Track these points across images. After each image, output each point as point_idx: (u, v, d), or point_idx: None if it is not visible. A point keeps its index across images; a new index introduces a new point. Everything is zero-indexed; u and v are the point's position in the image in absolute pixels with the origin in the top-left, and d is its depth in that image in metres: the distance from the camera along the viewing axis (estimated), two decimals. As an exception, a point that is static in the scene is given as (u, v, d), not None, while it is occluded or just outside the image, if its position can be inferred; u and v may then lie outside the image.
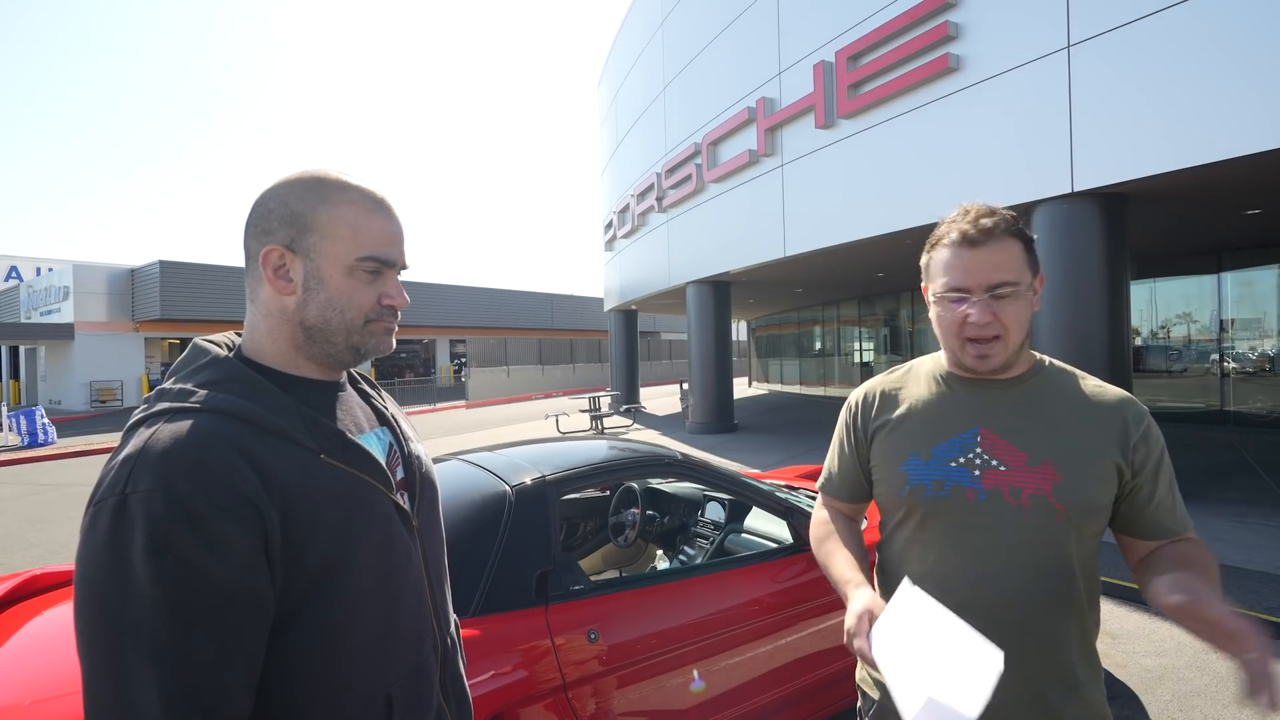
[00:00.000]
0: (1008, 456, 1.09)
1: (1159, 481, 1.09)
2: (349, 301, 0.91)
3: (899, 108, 7.40)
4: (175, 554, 0.71)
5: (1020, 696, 1.07)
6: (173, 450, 0.75)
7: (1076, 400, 1.12)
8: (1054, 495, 1.05)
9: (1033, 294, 1.10)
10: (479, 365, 24.84)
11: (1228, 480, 6.78)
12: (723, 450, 9.83)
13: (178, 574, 0.72)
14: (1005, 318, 1.06)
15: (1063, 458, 1.06)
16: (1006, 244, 1.07)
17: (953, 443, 1.14)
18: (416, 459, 1.07)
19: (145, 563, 0.71)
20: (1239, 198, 6.63)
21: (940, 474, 1.13)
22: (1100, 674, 1.14)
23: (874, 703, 1.24)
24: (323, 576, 0.83)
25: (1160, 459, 1.09)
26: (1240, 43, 4.74)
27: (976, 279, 1.06)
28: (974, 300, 1.07)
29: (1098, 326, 5.88)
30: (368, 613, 0.88)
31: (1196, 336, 10.91)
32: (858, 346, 18.08)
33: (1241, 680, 0.84)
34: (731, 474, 2.68)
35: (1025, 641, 1.06)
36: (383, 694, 0.89)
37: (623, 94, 16.21)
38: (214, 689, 0.73)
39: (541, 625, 1.85)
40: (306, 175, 0.92)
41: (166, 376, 0.89)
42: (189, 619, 0.72)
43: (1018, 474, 1.07)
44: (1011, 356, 1.11)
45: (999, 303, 1.06)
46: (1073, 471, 1.06)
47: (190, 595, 0.72)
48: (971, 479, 1.10)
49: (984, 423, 1.12)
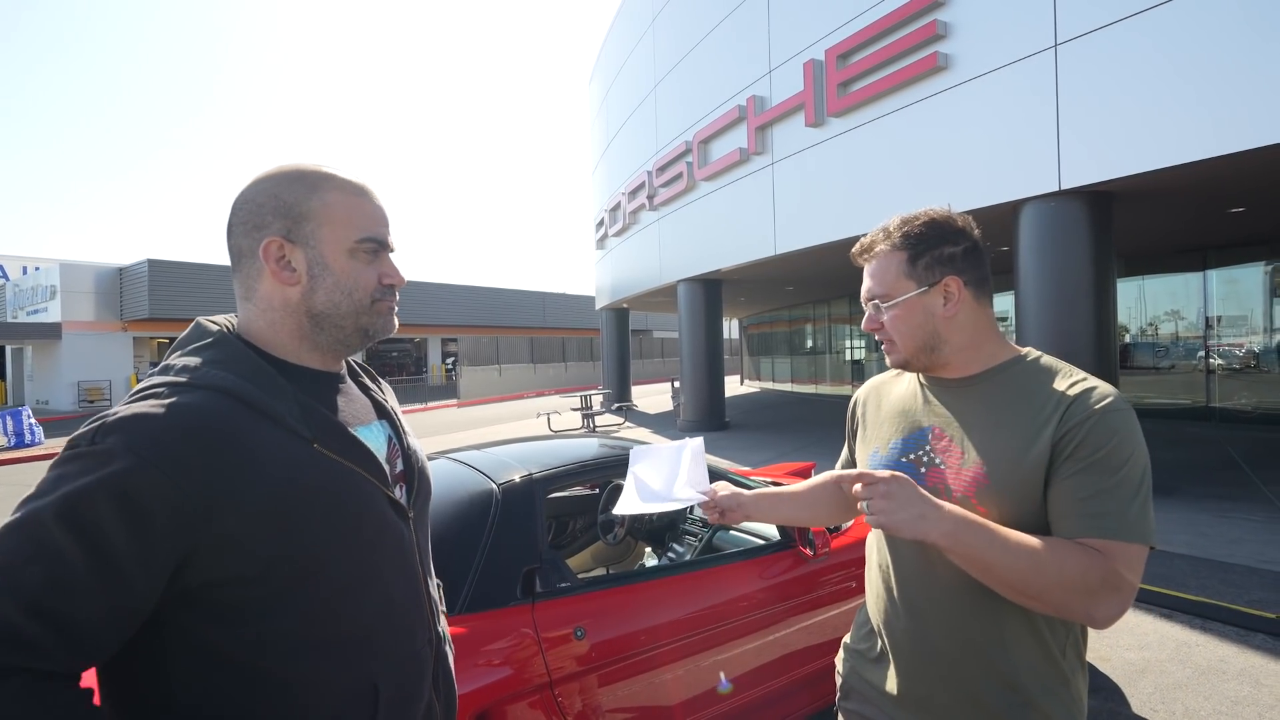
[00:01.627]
0: (948, 456, 1.12)
1: (1083, 476, 0.98)
2: (355, 283, 0.93)
3: (888, 106, 7.44)
4: (95, 514, 0.71)
5: (954, 692, 1.09)
6: (151, 421, 0.75)
7: (1029, 399, 1.07)
8: (976, 497, 1.06)
9: (938, 299, 1.12)
10: (471, 364, 24.78)
11: (1212, 476, 6.86)
12: (714, 448, 9.85)
13: (85, 533, 0.71)
14: (888, 325, 1.16)
15: (994, 460, 1.05)
16: (884, 259, 1.16)
17: (908, 439, 1.19)
18: (414, 453, 1.08)
19: (62, 509, 0.71)
20: (1223, 196, 6.70)
21: (893, 469, 1.16)
22: (1068, 686, 1.07)
23: (842, 678, 1.33)
24: (307, 565, 0.83)
25: (1097, 453, 0.98)
26: (1223, 42, 4.79)
27: (863, 292, 1.20)
28: (867, 311, 1.20)
29: (1084, 323, 5.93)
30: (354, 603, 0.88)
31: (1183, 333, 11.02)
32: (849, 344, 18.14)
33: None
34: (720, 471, 2.69)
35: (953, 642, 1.08)
36: (369, 684, 0.89)
37: (614, 91, 16.20)
38: (39, 647, 0.69)
39: (528, 622, 1.86)
40: (288, 169, 0.93)
41: (169, 352, 0.89)
42: (58, 570, 0.70)
43: (953, 474, 1.10)
44: (915, 358, 1.16)
45: (880, 311, 1.17)
46: (1000, 474, 1.04)
47: (75, 556, 0.71)
48: (917, 475, 1.14)
49: (937, 422, 1.16)
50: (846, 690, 1.31)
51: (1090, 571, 0.94)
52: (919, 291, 1.12)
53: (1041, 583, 0.94)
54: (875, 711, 1.23)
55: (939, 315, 1.13)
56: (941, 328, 1.13)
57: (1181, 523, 5.35)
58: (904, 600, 1.16)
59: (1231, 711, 2.78)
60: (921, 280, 1.12)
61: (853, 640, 1.34)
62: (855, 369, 17.34)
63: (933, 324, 1.13)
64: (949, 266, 1.12)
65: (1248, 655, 3.25)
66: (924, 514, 0.96)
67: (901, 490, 0.97)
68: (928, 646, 1.12)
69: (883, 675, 1.21)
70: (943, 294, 1.12)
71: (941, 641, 1.10)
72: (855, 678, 1.28)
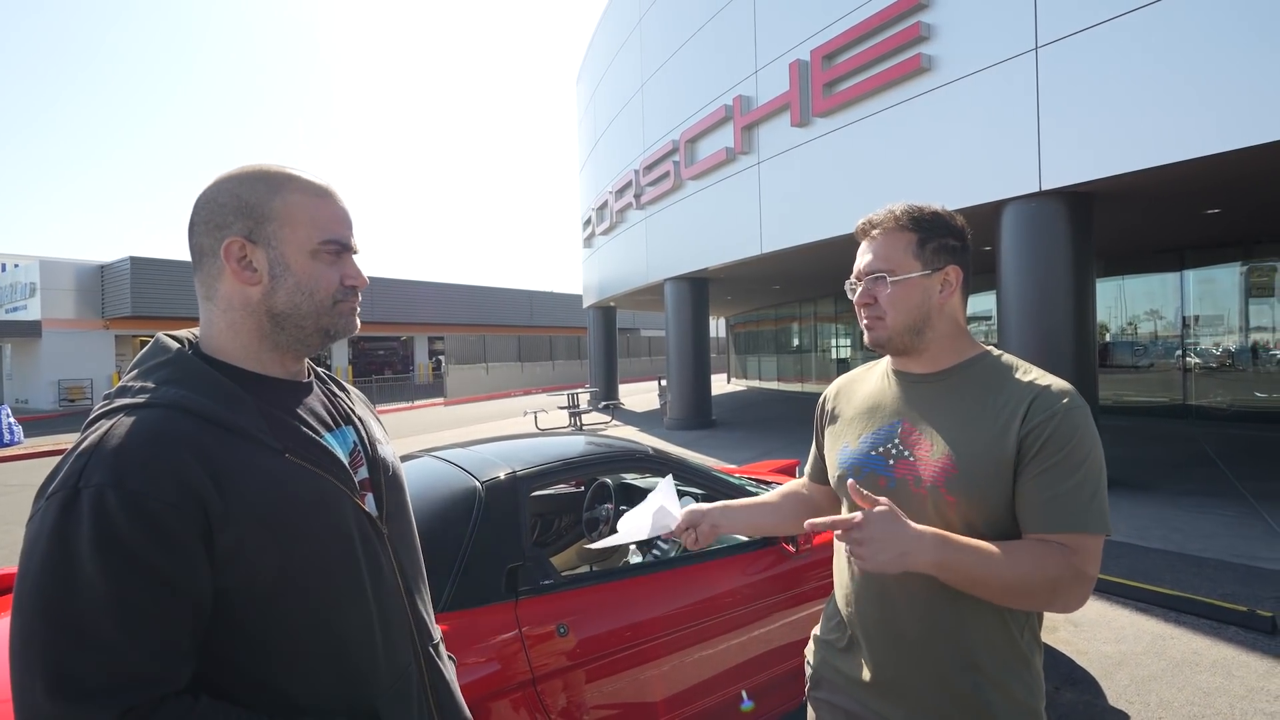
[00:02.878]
0: (917, 448, 1.15)
1: (1049, 472, 1.04)
2: (316, 284, 0.92)
3: (872, 107, 7.49)
4: (124, 548, 0.72)
5: (923, 676, 1.13)
6: (126, 446, 0.76)
7: (994, 394, 1.12)
8: (945, 487, 1.09)
9: (937, 284, 1.17)
10: (457, 362, 24.67)
11: (1188, 472, 6.97)
12: (700, 446, 9.89)
13: (125, 568, 0.72)
14: (881, 300, 1.17)
15: (963, 451, 1.09)
16: (894, 237, 1.18)
17: (878, 433, 1.22)
18: (383, 461, 1.05)
19: (92, 556, 0.71)
20: (1200, 198, 6.81)
21: (861, 461, 1.22)
22: (1028, 667, 1.12)
23: (812, 668, 1.36)
24: (282, 580, 0.82)
25: (1061, 450, 1.04)
26: (1201, 47, 4.87)
27: (858, 266, 1.22)
28: (859, 284, 1.22)
29: (1064, 323, 6.01)
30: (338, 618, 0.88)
31: (1160, 333, 11.18)
32: (834, 343, 18.26)
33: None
34: (704, 469, 2.71)
35: (922, 626, 1.12)
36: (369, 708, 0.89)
37: (601, 90, 16.19)
38: (154, 678, 0.73)
39: (511, 620, 1.87)
40: (251, 169, 0.92)
41: (128, 370, 0.88)
42: (134, 612, 0.72)
43: (923, 465, 1.13)
44: (900, 337, 1.18)
45: (875, 285, 1.18)
46: (968, 465, 1.08)
47: (136, 589, 0.73)
48: (886, 467, 1.17)
49: (906, 415, 1.19)
50: (817, 680, 1.34)
51: (1063, 567, 1.01)
52: (923, 273, 1.16)
53: (1025, 586, 1.01)
54: (846, 699, 1.25)
55: (934, 300, 1.17)
56: (934, 313, 1.17)
57: (1157, 518, 5.44)
58: (875, 589, 1.19)
59: (1204, 702, 2.84)
60: (928, 263, 1.16)
61: (822, 631, 1.36)
62: (840, 367, 17.46)
63: (927, 307, 1.17)
64: (951, 256, 1.18)
65: (1220, 647, 3.32)
66: (906, 551, 0.97)
67: (881, 529, 0.97)
68: (898, 632, 1.15)
69: (854, 663, 1.24)
70: (942, 281, 1.17)
71: (912, 627, 1.13)
72: (826, 668, 1.31)
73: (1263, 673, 3.06)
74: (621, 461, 2.60)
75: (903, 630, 1.14)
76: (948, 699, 1.11)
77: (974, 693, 1.10)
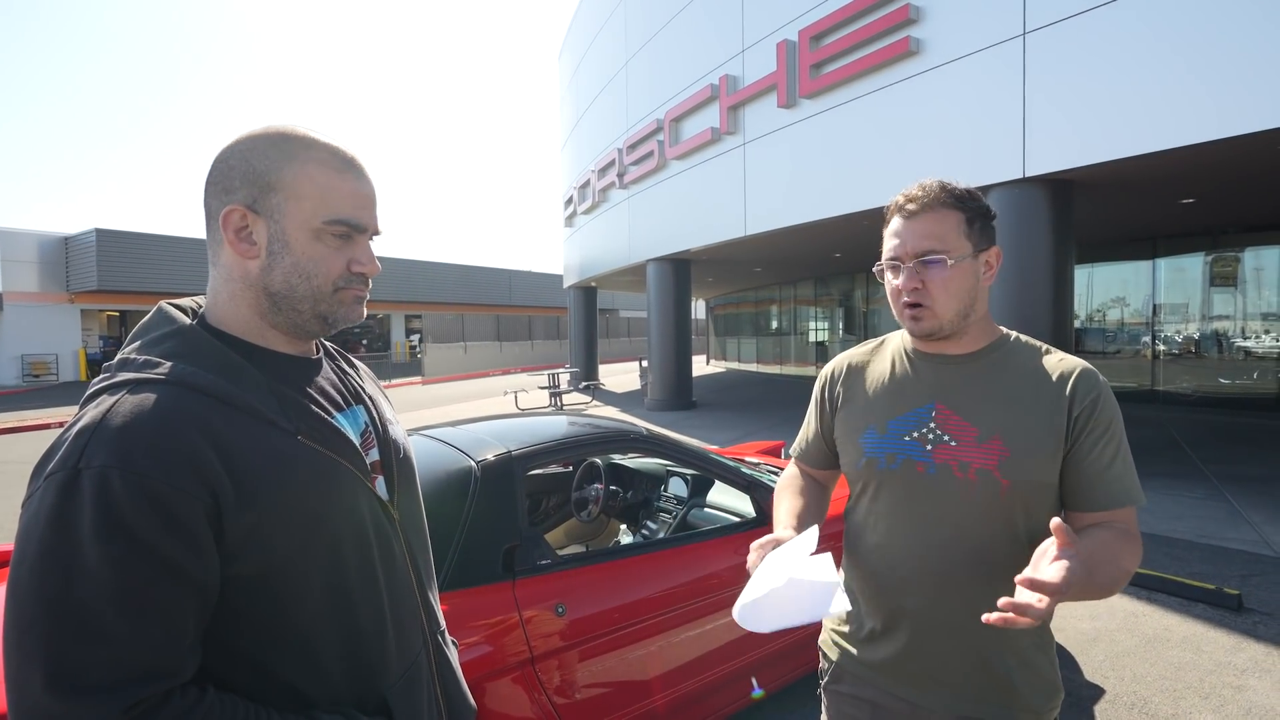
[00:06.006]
0: (959, 432, 1.11)
1: (1100, 450, 1.07)
2: (316, 268, 0.85)
3: (860, 89, 7.48)
4: (129, 534, 0.68)
5: (968, 661, 1.13)
6: (131, 425, 0.71)
7: (1034, 375, 1.12)
8: (999, 470, 1.07)
9: (982, 266, 1.13)
10: (435, 341, 24.46)
11: (1156, 456, 7.17)
12: (681, 427, 9.93)
13: (130, 555, 0.68)
14: (932, 285, 1.10)
15: (1012, 433, 1.08)
16: (941, 215, 1.10)
17: (908, 417, 1.17)
18: (394, 442, 1.00)
19: (94, 542, 0.67)
20: (1176, 187, 6.93)
21: (893, 447, 1.16)
22: (1051, 644, 1.16)
23: (832, 663, 1.31)
24: (292, 567, 0.79)
25: (1106, 429, 1.08)
26: (1185, 36, 4.92)
27: (906, 248, 1.11)
28: (904, 267, 1.12)
29: (1044, 308, 6.11)
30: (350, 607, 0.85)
31: (1130, 320, 11.43)
32: (813, 326, 18.38)
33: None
34: (696, 449, 2.72)
35: (969, 612, 1.09)
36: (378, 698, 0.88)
37: (584, 67, 15.95)
38: (160, 671, 0.70)
39: (509, 599, 1.87)
40: (271, 130, 0.85)
41: (128, 341, 0.83)
42: (139, 602, 0.68)
43: (967, 449, 1.09)
44: (950, 324, 1.12)
45: (927, 269, 1.09)
46: (1020, 447, 1.07)
47: (142, 577, 0.69)
48: (923, 453, 1.13)
49: (940, 398, 1.14)
50: (838, 674, 1.29)
51: (1135, 542, 1.05)
52: (972, 254, 1.11)
53: (1130, 571, 1.03)
54: (871, 690, 1.22)
55: (981, 282, 1.13)
56: (979, 296, 1.13)
57: (1129, 500, 5.59)
58: (934, 580, 1.13)
59: (1175, 676, 2.95)
60: (977, 244, 1.12)
61: (835, 624, 1.32)
62: (819, 350, 17.61)
63: (975, 290, 1.12)
64: (993, 237, 1.14)
65: (1189, 624, 3.44)
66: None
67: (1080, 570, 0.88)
68: (952, 621, 1.11)
69: (886, 652, 1.19)
70: (985, 262, 1.14)
71: (960, 611, 1.09)
72: (849, 660, 1.26)
73: (1230, 647, 3.18)
74: (615, 442, 2.59)
75: (956, 619, 1.11)
76: (986, 680, 1.12)
77: (1008, 674, 1.11)
